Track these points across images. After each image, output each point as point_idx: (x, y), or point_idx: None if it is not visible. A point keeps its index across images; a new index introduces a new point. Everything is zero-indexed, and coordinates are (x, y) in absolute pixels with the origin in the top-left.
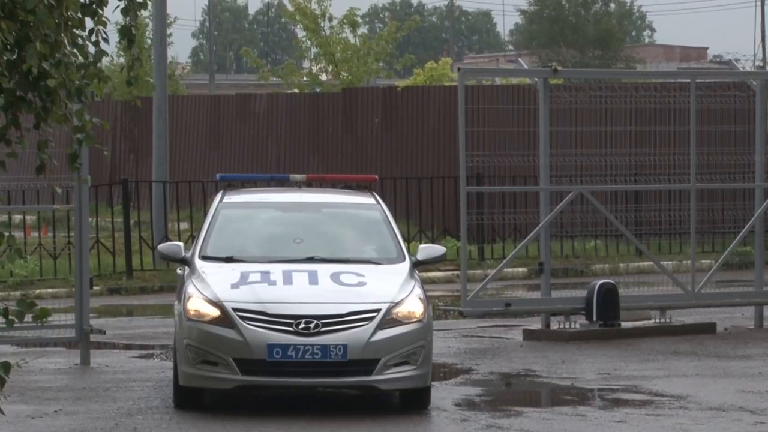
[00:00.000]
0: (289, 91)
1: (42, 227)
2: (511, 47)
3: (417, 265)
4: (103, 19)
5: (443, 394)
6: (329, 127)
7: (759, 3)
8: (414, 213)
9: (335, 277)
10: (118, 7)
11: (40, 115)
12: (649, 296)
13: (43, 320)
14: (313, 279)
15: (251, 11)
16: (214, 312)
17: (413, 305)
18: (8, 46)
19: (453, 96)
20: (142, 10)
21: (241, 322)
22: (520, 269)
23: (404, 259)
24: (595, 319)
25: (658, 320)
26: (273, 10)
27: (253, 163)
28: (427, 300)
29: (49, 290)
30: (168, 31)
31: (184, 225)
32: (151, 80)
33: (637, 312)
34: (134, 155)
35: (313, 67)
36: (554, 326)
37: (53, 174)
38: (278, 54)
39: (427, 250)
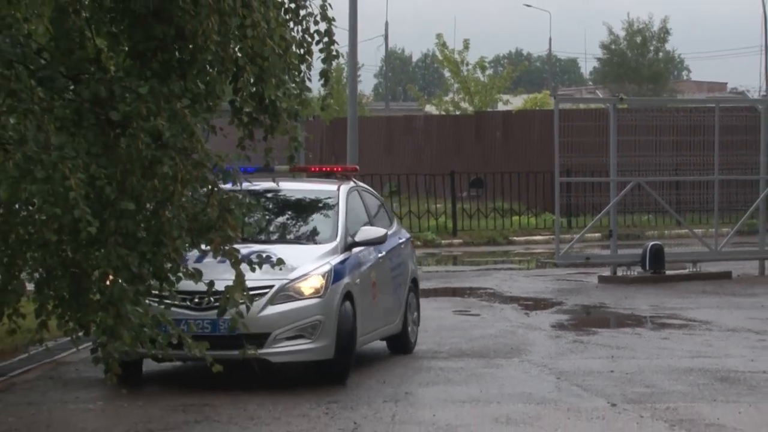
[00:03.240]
0: (438, 114)
1: None
2: (590, 83)
3: (353, 246)
4: (311, 64)
5: (542, 319)
6: (466, 138)
7: (764, 50)
8: (524, 196)
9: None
10: (320, 57)
11: (268, 130)
12: (685, 253)
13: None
14: (223, 258)
15: (414, 59)
16: None
17: (312, 282)
18: (251, 82)
19: (550, 116)
20: (336, 60)
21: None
22: (596, 234)
23: (335, 240)
24: (647, 268)
25: (691, 269)
26: (428, 58)
27: (415, 164)
28: (339, 276)
29: None
30: (358, 73)
31: None
32: (336, 107)
33: (676, 264)
34: (335, 157)
35: (455, 97)
36: (619, 273)
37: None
38: (431, 88)
39: (366, 232)
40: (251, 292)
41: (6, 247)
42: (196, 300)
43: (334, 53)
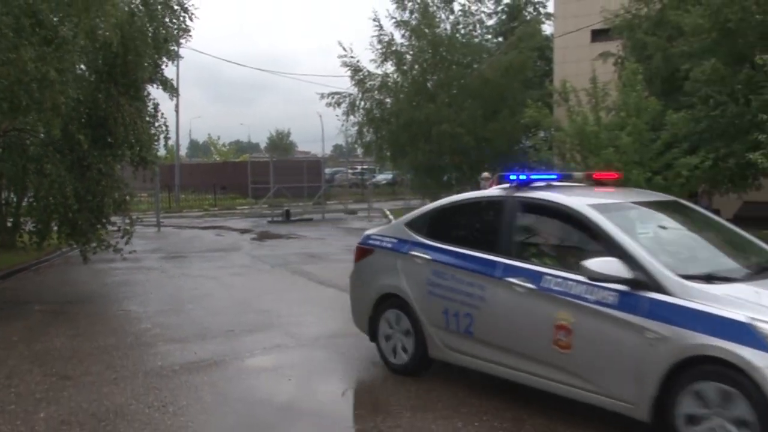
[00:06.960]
0: (211, 162)
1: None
2: (266, 153)
3: None
4: (159, 143)
5: (247, 237)
6: (221, 172)
7: (322, 141)
8: (245, 191)
9: None
10: (164, 138)
11: (145, 167)
12: (300, 212)
13: (140, 220)
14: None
15: (201, 142)
16: None
17: None
18: (133, 149)
19: (246, 164)
20: (169, 140)
21: None
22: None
23: None
24: (287, 218)
25: (300, 218)
26: (207, 144)
27: (202, 182)
28: None
29: (147, 213)
30: (180, 145)
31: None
32: (171, 159)
33: (298, 217)
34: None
35: (217, 157)
36: (275, 219)
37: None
38: (209, 153)
39: None
40: None
41: (44, 213)
42: None
43: (169, 137)
